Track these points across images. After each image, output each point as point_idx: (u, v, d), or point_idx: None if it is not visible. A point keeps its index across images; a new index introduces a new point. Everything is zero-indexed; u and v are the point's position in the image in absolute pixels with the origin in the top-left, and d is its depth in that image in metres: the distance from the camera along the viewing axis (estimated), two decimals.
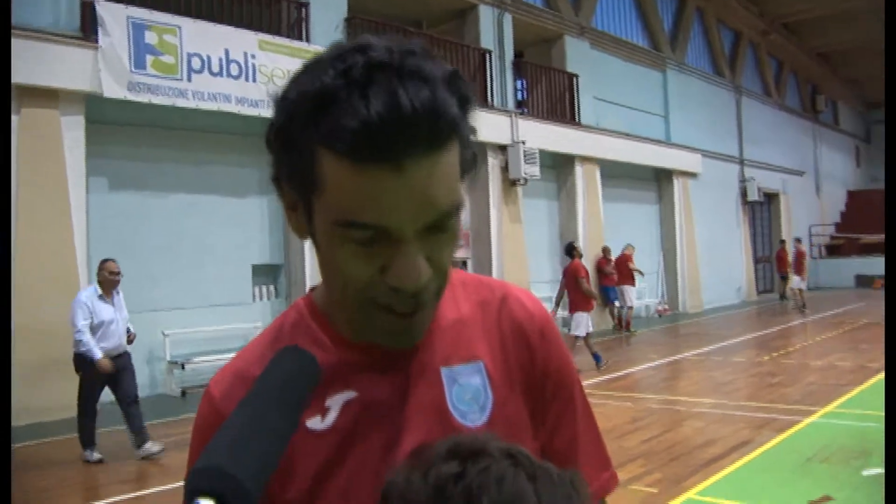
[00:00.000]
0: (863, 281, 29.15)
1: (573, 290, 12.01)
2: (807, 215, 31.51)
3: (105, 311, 7.47)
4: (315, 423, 1.01)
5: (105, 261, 7.68)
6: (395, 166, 0.84)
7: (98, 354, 7.21)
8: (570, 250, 12.53)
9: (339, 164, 0.85)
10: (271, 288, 12.49)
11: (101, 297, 7.50)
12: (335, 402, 1.01)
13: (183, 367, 10.60)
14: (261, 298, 12.30)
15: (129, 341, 7.74)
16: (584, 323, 11.87)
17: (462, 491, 0.81)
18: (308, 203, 0.93)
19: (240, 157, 11.79)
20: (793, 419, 8.22)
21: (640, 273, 18.44)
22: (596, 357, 12.17)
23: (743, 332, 17.26)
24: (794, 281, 21.20)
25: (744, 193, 26.36)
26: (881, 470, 6.25)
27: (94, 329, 7.32)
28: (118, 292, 7.71)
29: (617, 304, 17.92)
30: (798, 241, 22.36)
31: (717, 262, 23.78)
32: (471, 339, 1.08)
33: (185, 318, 10.81)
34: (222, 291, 11.59)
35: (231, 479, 0.68)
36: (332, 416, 1.01)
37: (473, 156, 0.95)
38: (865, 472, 6.21)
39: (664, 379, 11.82)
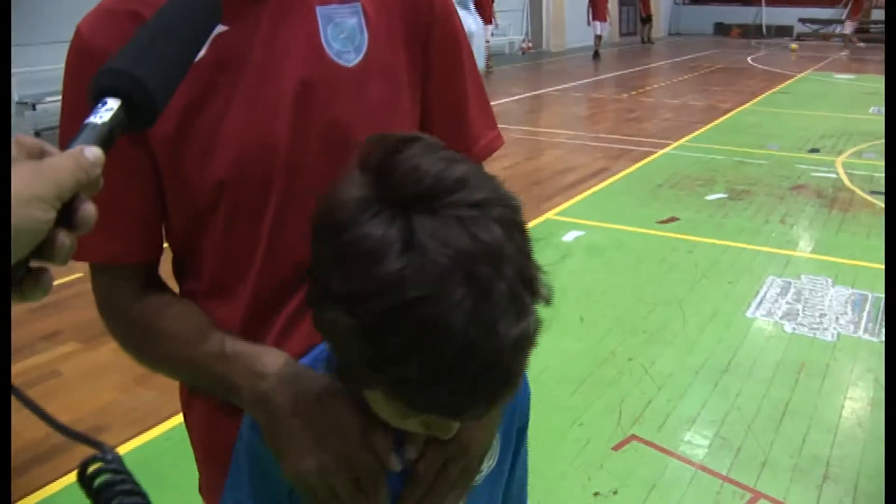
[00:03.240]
0: (721, 29, 29.75)
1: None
2: None
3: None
4: None
5: None
6: None
7: None
8: None
9: None
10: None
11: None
12: None
13: (34, 108, 10.00)
14: None
15: None
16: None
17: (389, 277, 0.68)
18: None
19: None
20: (647, 150, 8.64)
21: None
22: None
23: (604, 71, 17.58)
24: (596, 27, 20.29)
25: None
26: (722, 195, 6.75)
27: None
28: None
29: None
30: None
31: (582, 2, 23.64)
32: None
33: (31, 55, 9.85)
34: (70, 26, 10.64)
35: (138, 81, 0.66)
36: (202, 50, 0.96)
37: None
38: (708, 197, 6.69)
39: (526, 112, 12.07)
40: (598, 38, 20.28)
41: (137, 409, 3.42)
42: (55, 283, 0.58)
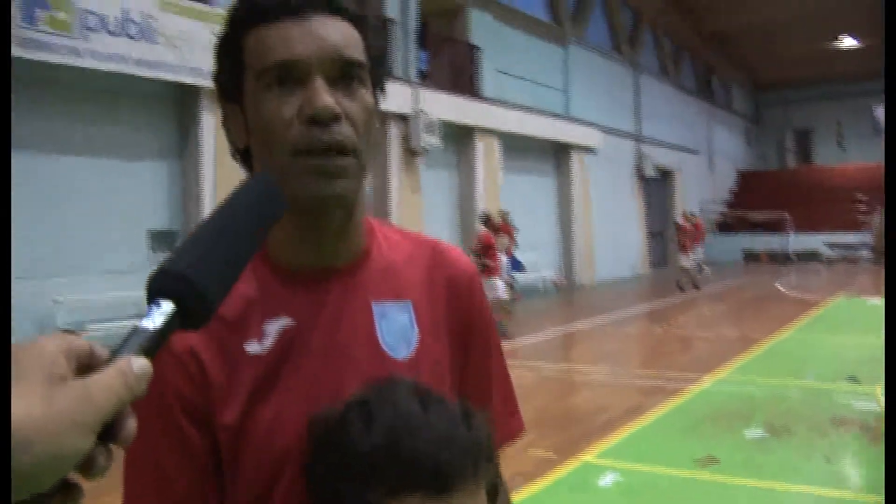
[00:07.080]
0: (750, 256, 30.36)
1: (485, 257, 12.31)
2: (699, 192, 32.51)
3: None
4: (253, 346, 1.05)
5: None
6: (299, 19, 1.02)
7: None
8: (485, 220, 12.85)
9: (258, 33, 1.04)
10: (168, 254, 12.14)
11: None
12: (273, 328, 1.07)
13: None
14: (157, 265, 11.91)
15: None
16: (500, 287, 12.23)
17: (361, 413, 0.96)
18: (240, 91, 1.07)
19: (136, 120, 11.39)
20: (681, 385, 8.57)
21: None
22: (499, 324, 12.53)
23: (635, 303, 17.77)
24: (684, 259, 20.15)
25: (639, 169, 27.00)
26: (762, 432, 6.60)
27: None
28: None
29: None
30: (692, 214, 21.47)
31: (612, 236, 24.34)
32: (401, 283, 1.16)
33: (77, 284, 10.37)
34: (117, 257, 11.23)
35: (194, 285, 0.69)
36: (269, 342, 1.06)
37: (382, 49, 1.13)
38: (748, 434, 6.54)
39: (558, 348, 12.13)
40: (684, 269, 19.82)
41: None
42: None
